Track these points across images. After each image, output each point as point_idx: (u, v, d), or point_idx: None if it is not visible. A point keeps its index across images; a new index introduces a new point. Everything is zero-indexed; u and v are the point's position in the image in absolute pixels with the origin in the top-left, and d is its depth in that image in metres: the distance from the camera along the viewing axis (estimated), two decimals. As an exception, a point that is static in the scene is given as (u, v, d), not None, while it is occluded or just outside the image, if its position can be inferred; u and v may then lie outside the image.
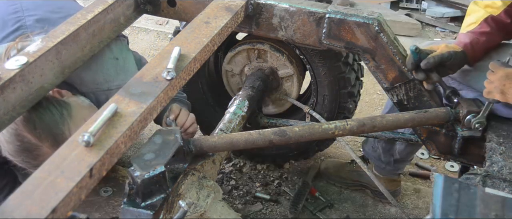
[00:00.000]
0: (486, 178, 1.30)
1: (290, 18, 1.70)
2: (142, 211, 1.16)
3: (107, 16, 1.61)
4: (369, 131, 1.51)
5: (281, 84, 2.18)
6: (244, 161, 2.55)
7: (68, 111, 1.45)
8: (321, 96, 2.08)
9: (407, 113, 1.57)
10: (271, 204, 2.31)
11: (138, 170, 1.16)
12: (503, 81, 1.46)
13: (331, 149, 2.68)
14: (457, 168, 2.58)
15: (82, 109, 1.51)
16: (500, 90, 1.47)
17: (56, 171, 0.95)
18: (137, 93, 1.18)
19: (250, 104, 1.91)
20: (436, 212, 1.05)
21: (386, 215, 2.29)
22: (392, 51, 1.62)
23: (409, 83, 1.68)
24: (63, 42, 1.42)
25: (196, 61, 1.36)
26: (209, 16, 1.55)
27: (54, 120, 1.42)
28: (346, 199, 2.37)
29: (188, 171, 1.32)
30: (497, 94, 1.49)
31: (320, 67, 1.97)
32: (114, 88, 1.64)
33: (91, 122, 1.06)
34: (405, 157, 2.18)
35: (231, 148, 1.40)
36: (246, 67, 2.16)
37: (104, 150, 1.01)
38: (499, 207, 1.06)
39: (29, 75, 1.32)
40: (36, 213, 0.87)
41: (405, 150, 2.12)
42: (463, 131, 1.64)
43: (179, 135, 1.30)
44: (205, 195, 1.30)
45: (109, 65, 1.65)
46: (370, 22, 1.60)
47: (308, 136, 1.44)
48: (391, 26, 1.67)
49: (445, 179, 1.12)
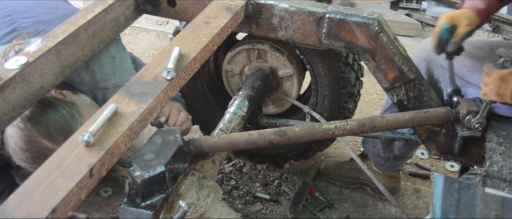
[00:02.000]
0: (486, 178, 1.30)
1: (290, 18, 1.70)
2: (142, 211, 1.16)
3: (107, 16, 1.61)
4: (369, 131, 1.51)
5: (281, 84, 2.18)
6: (244, 161, 2.55)
7: (77, 110, 1.48)
8: (321, 96, 2.08)
9: (407, 113, 1.58)
10: (271, 204, 2.31)
11: (138, 170, 1.16)
12: (498, 83, 1.46)
13: (331, 149, 2.68)
14: (457, 168, 2.58)
15: (88, 107, 1.54)
16: (496, 93, 1.48)
17: (56, 171, 0.95)
18: (137, 93, 1.18)
19: (250, 104, 1.91)
20: (436, 212, 1.05)
21: (386, 215, 2.28)
22: (392, 51, 1.62)
23: (409, 83, 1.68)
24: (63, 42, 1.42)
25: (196, 61, 1.36)
26: (209, 16, 1.55)
27: (67, 121, 1.44)
28: (346, 199, 2.37)
29: (188, 171, 1.32)
30: (493, 96, 1.49)
31: (320, 67, 1.97)
32: (111, 87, 1.66)
33: (91, 122, 1.06)
34: (404, 154, 2.18)
35: (231, 148, 1.40)
36: (246, 67, 2.16)
37: (104, 150, 1.01)
38: (499, 207, 1.06)
39: (29, 75, 1.32)
40: (36, 213, 0.87)
41: (405, 147, 2.13)
42: (463, 131, 1.64)
43: (179, 135, 1.30)
44: (205, 195, 1.30)
45: (106, 64, 1.66)
46: (370, 22, 1.60)
47: (308, 136, 1.44)
48: (391, 26, 1.67)
49: (445, 179, 1.12)
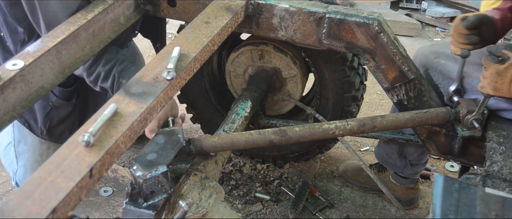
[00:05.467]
0: (486, 178, 1.30)
1: (290, 18, 1.70)
2: (144, 211, 1.16)
3: (107, 16, 1.61)
4: (369, 131, 1.51)
5: (285, 84, 2.18)
6: (244, 161, 2.55)
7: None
8: (325, 99, 2.08)
9: (407, 113, 1.58)
10: (271, 204, 2.31)
11: (141, 170, 1.16)
12: (495, 78, 1.47)
13: (331, 149, 2.68)
14: (457, 168, 2.58)
15: None
16: (493, 87, 1.49)
17: (56, 171, 0.95)
18: (137, 93, 1.18)
19: (253, 105, 1.91)
20: (436, 212, 1.05)
21: (386, 215, 2.28)
22: (392, 51, 1.62)
23: (409, 83, 1.68)
24: (63, 42, 1.42)
25: (196, 61, 1.36)
26: (209, 16, 1.55)
27: None
28: (346, 199, 2.37)
29: (190, 172, 1.32)
30: (490, 90, 1.50)
31: (325, 70, 1.97)
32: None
33: (91, 122, 1.06)
34: (417, 160, 2.15)
35: (231, 148, 1.40)
36: (250, 68, 2.16)
37: (104, 150, 1.01)
38: (499, 207, 1.06)
39: (29, 75, 1.32)
40: (36, 213, 0.87)
41: (416, 152, 2.10)
42: (463, 131, 1.64)
43: (181, 136, 1.30)
44: (207, 195, 1.30)
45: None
46: (370, 22, 1.60)
47: (309, 136, 1.44)
48: (391, 26, 1.68)
49: (445, 179, 1.12)
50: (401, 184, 2.27)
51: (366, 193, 2.40)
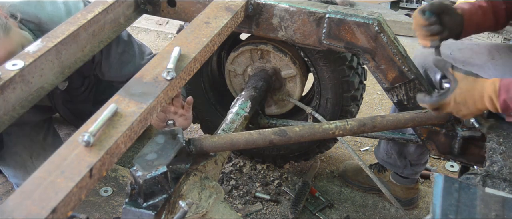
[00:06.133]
0: (486, 178, 1.30)
1: (290, 18, 1.70)
2: (144, 211, 1.16)
3: (107, 16, 1.61)
4: (369, 131, 1.51)
5: (284, 84, 2.18)
6: (244, 161, 2.55)
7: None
8: (324, 98, 2.08)
9: (407, 113, 1.57)
10: (271, 204, 2.31)
11: (140, 170, 1.16)
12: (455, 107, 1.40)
13: (331, 149, 2.68)
14: (457, 168, 2.58)
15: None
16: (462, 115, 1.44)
17: (56, 171, 0.95)
18: (137, 93, 1.18)
19: (253, 105, 1.90)
20: (436, 212, 1.05)
21: (386, 215, 2.28)
22: (392, 51, 1.62)
23: (409, 83, 1.68)
24: (63, 42, 1.42)
25: (196, 61, 1.36)
26: (209, 16, 1.55)
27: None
28: (346, 199, 2.37)
29: (190, 172, 1.32)
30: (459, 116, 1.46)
31: (324, 70, 1.97)
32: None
33: (91, 122, 1.06)
34: (417, 160, 2.15)
35: (231, 148, 1.40)
36: (249, 68, 2.16)
37: (104, 150, 1.01)
38: (499, 207, 1.06)
39: (29, 75, 1.32)
40: (36, 213, 0.87)
41: (416, 152, 2.10)
42: (463, 131, 1.64)
43: (181, 136, 1.30)
44: (207, 195, 1.30)
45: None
46: (370, 22, 1.59)
47: (309, 136, 1.44)
48: (391, 26, 1.67)
49: (445, 179, 1.12)
50: (401, 184, 2.27)
51: (366, 193, 2.40)
